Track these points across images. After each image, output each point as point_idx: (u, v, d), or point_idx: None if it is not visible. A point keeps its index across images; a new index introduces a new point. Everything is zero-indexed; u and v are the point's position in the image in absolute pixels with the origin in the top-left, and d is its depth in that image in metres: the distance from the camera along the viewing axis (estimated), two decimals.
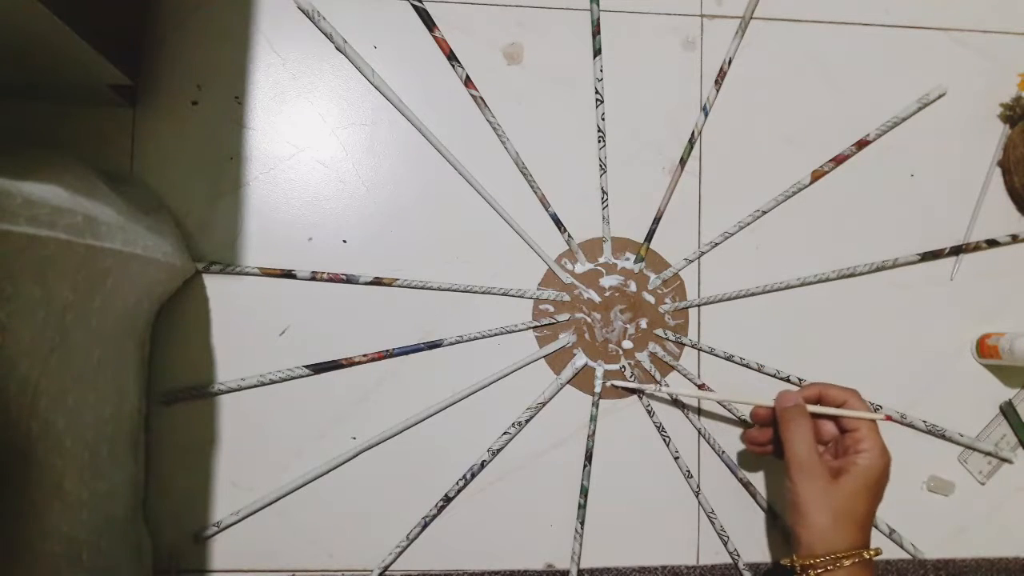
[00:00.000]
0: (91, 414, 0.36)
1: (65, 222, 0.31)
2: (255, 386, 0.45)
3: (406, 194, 0.47)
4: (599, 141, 0.48)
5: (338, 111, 0.47)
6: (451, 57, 0.47)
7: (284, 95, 0.47)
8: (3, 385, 0.29)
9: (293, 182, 0.47)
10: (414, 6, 0.47)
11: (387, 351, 0.46)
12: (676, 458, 0.47)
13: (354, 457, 0.45)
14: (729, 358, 0.48)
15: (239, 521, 0.44)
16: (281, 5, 0.47)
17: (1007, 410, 0.49)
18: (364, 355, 0.46)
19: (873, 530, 0.47)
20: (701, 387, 0.48)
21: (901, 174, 0.51)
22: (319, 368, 0.45)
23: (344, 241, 0.47)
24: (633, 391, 0.48)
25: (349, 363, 0.46)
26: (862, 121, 0.50)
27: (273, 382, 0.45)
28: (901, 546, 0.48)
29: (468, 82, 0.47)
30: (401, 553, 0.45)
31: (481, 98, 0.47)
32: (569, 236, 0.48)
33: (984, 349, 0.49)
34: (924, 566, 0.48)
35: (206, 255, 0.45)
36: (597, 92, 0.48)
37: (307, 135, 0.47)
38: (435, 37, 0.47)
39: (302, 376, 0.45)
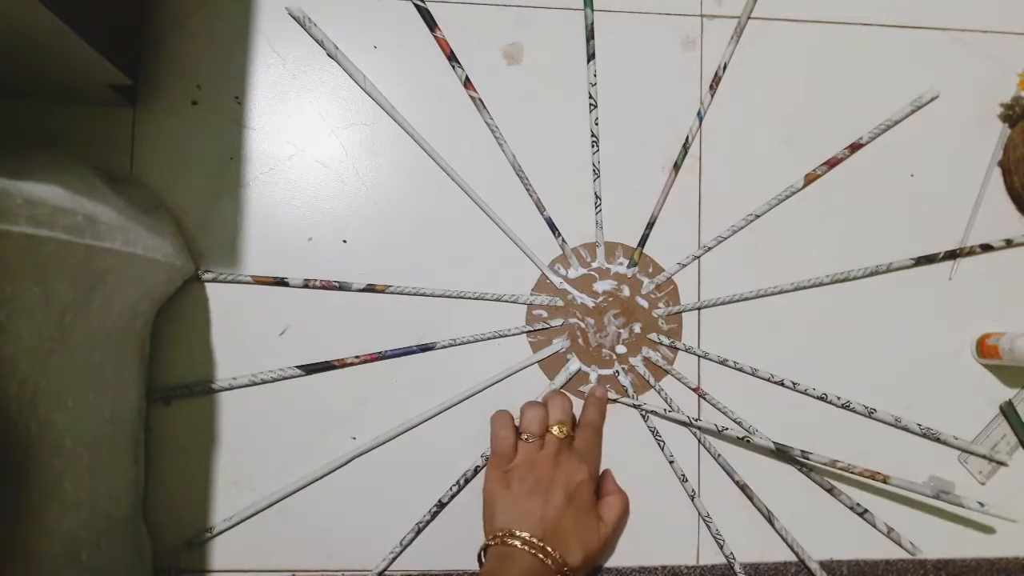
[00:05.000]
0: (91, 414, 0.36)
1: (65, 222, 0.31)
2: (246, 385, 0.45)
3: (406, 194, 0.47)
4: (593, 146, 0.48)
5: (338, 111, 0.47)
6: (451, 58, 0.47)
7: (284, 95, 0.47)
8: (3, 385, 0.29)
9: (293, 182, 0.47)
10: (416, 5, 0.47)
11: (379, 353, 0.46)
12: (671, 462, 0.47)
13: (353, 459, 0.45)
14: (723, 362, 0.48)
15: (240, 523, 0.44)
16: (281, 5, 0.47)
17: (1007, 410, 0.49)
18: (356, 356, 0.46)
19: (873, 530, 0.48)
20: (696, 390, 0.48)
21: (901, 174, 0.51)
22: (311, 369, 0.45)
23: (344, 241, 0.47)
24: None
25: (342, 364, 0.46)
26: (863, 121, 0.50)
27: (264, 382, 0.45)
28: (900, 545, 0.48)
29: (467, 83, 0.47)
30: (396, 557, 0.45)
31: (480, 100, 0.47)
32: (563, 240, 0.48)
33: (984, 349, 0.49)
34: (924, 566, 0.48)
35: (206, 255, 0.45)
36: (591, 97, 0.48)
37: (307, 135, 0.47)
38: (436, 37, 0.47)
39: (294, 376, 0.45)
